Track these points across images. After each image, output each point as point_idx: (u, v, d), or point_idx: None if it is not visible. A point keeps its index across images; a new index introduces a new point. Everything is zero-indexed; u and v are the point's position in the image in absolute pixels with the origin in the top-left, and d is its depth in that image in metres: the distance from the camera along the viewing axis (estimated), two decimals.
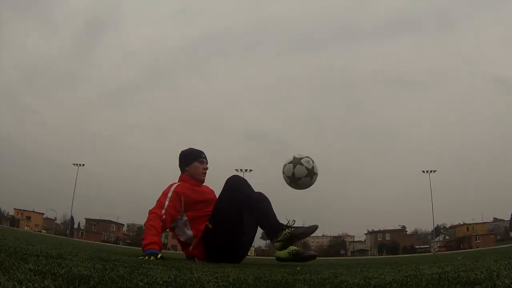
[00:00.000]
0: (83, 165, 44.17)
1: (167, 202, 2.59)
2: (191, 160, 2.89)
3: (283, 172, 2.76)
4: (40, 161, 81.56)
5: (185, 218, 2.69)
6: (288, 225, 2.53)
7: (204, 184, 2.94)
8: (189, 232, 2.68)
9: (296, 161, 2.72)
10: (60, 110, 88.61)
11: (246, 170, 37.86)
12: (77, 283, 0.79)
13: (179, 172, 2.91)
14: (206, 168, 2.92)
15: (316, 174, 2.74)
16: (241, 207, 2.58)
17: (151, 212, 2.54)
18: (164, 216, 2.52)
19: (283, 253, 2.53)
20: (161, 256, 2.20)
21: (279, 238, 2.51)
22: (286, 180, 2.76)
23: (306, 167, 2.70)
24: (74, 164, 43.98)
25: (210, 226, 2.59)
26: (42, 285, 0.74)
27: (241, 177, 2.80)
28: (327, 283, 1.02)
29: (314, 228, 2.58)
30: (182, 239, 2.73)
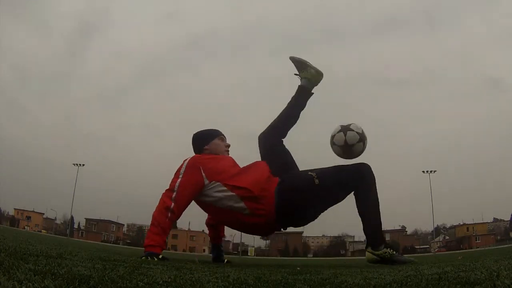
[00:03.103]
0: (83, 165, 44.16)
1: (178, 180, 2.27)
2: (211, 138, 2.57)
3: (333, 144, 2.54)
4: (40, 161, 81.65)
5: (216, 183, 2.30)
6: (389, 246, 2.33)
7: None
8: (230, 195, 2.27)
9: (345, 128, 2.53)
10: (55, 111, 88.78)
11: None
12: (77, 283, 0.79)
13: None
14: (229, 146, 2.63)
15: (366, 138, 2.55)
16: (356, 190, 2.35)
17: (161, 199, 2.26)
18: (173, 204, 2.21)
19: (370, 256, 2.32)
20: (162, 256, 2.07)
21: (377, 253, 2.30)
22: (337, 151, 2.54)
23: (357, 132, 2.51)
24: (74, 164, 43.97)
25: (316, 181, 2.30)
26: (42, 285, 0.74)
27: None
28: (327, 283, 1.02)
29: (411, 261, 2.35)
30: (217, 205, 2.32)
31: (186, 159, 2.38)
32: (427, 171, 40.87)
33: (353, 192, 2.36)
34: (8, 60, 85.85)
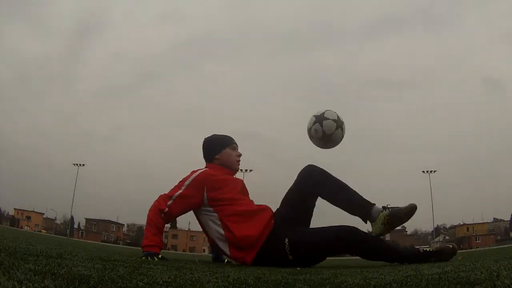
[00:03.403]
0: (83, 165, 44.17)
1: (179, 191, 2.24)
2: (222, 147, 2.46)
3: (312, 137, 2.43)
4: (40, 161, 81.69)
5: (214, 214, 2.25)
6: (385, 206, 2.14)
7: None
8: (220, 233, 2.22)
9: (320, 118, 2.41)
10: (54, 111, 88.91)
11: (246, 170, 37.80)
12: (77, 283, 0.79)
13: (179, 171, 2.59)
14: (240, 155, 2.51)
15: (343, 122, 2.43)
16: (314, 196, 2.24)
17: (156, 201, 2.25)
18: (167, 209, 2.21)
19: (377, 228, 2.12)
20: (162, 256, 2.07)
21: (376, 222, 2.11)
22: (317, 143, 2.44)
23: (332, 120, 2.40)
24: (74, 164, 43.99)
25: (290, 258, 2.11)
26: (42, 285, 0.74)
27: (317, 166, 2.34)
28: (327, 283, 1.02)
29: (414, 208, 2.11)
30: (208, 232, 2.31)
31: (195, 171, 2.33)
32: (427, 171, 40.88)
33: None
34: (7, 60, 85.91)
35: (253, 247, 2.16)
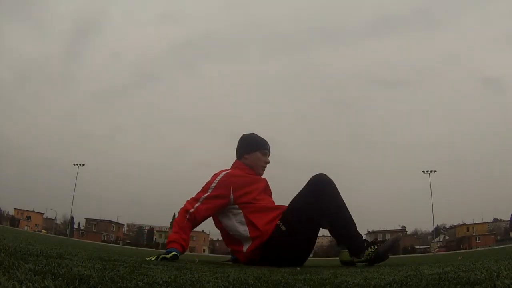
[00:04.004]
0: (83, 165, 44.18)
1: (206, 194, 2.28)
2: (254, 149, 2.51)
3: None
4: (40, 161, 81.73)
5: (239, 211, 2.30)
6: (371, 242, 2.20)
7: None
8: (244, 230, 2.27)
9: None
10: (54, 111, 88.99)
11: None
12: (77, 283, 0.79)
13: (178, 171, 2.63)
14: (268, 162, 2.55)
15: None
16: (320, 211, 2.23)
17: (183, 205, 2.29)
18: (193, 209, 2.24)
19: (346, 256, 2.25)
20: (174, 254, 2.04)
21: (362, 259, 2.17)
22: None
23: None
24: (74, 164, 43.99)
25: (283, 228, 2.22)
26: (42, 285, 0.74)
27: (328, 177, 2.32)
28: (327, 283, 1.02)
29: (399, 238, 2.28)
30: (230, 232, 2.33)
31: (218, 174, 2.37)
32: (427, 171, 40.89)
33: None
34: (6, 61, 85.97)
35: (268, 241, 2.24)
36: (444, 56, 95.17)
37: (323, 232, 2.48)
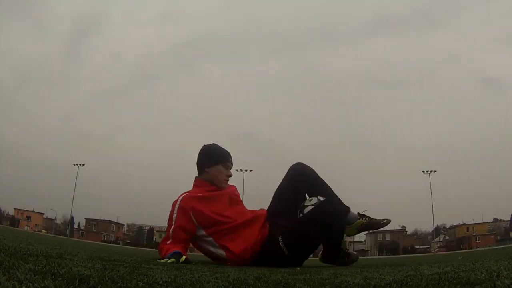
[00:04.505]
0: (83, 165, 44.20)
1: (172, 227, 2.22)
2: (216, 162, 2.39)
3: None
4: (40, 161, 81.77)
5: (209, 238, 2.24)
6: (361, 213, 2.37)
7: None
8: (221, 253, 2.22)
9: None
10: (54, 111, 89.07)
11: (246, 170, 37.80)
12: (77, 283, 0.79)
13: (178, 171, 2.54)
14: (230, 175, 2.45)
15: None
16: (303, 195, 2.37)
17: (160, 246, 2.24)
18: (172, 234, 2.20)
19: (350, 231, 2.38)
20: (186, 259, 2.01)
21: (352, 226, 2.34)
22: None
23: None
24: (74, 164, 44.01)
25: (285, 251, 2.18)
26: (42, 285, 0.74)
27: (305, 164, 2.48)
28: (327, 283, 1.02)
29: (387, 222, 2.40)
30: (208, 255, 2.32)
31: (176, 200, 2.28)
32: (427, 171, 40.90)
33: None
34: (6, 61, 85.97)
35: (252, 254, 2.20)
36: (444, 56, 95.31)
37: None
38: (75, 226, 58.42)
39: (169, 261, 1.94)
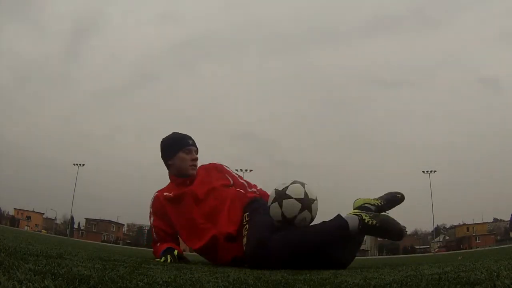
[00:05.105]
0: (83, 165, 44.18)
1: (155, 235, 2.25)
2: (175, 150, 2.23)
3: (273, 217, 1.93)
4: (40, 161, 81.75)
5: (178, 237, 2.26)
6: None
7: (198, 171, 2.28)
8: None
9: (280, 196, 1.90)
10: (54, 111, 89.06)
11: (246, 170, 37.72)
12: (77, 283, 0.79)
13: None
14: (196, 159, 2.25)
15: (313, 199, 1.92)
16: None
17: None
18: (156, 237, 2.23)
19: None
20: (178, 254, 2.03)
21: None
22: (280, 226, 1.92)
23: (296, 199, 1.88)
24: (74, 164, 44.00)
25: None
26: (42, 285, 0.74)
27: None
28: (327, 283, 1.02)
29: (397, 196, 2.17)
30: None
31: (150, 208, 2.27)
32: (427, 171, 40.88)
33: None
34: (6, 61, 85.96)
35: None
36: (444, 56, 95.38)
37: None
38: (75, 226, 58.40)
39: (162, 260, 1.94)
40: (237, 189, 2.27)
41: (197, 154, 2.29)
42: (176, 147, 2.24)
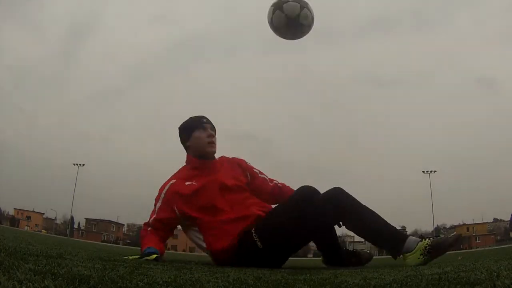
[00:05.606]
0: (83, 165, 44.16)
1: (154, 216, 2.14)
2: (190, 130, 2.22)
3: (277, 29, 2.20)
4: (40, 161, 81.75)
5: (195, 228, 2.12)
6: (422, 236, 1.93)
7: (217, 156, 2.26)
8: (203, 245, 2.10)
9: (278, 4, 2.17)
10: (52, 111, 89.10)
11: None
12: (77, 283, 0.79)
13: (175, 171, 2.31)
14: (212, 135, 2.21)
15: (308, 3, 2.20)
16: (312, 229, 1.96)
17: (143, 228, 2.19)
18: (151, 223, 2.12)
19: (413, 259, 1.86)
20: (156, 257, 1.89)
21: (416, 253, 1.85)
22: (286, 35, 2.22)
23: (293, 0, 2.16)
24: (74, 164, 43.99)
25: (259, 245, 1.93)
26: (42, 285, 0.74)
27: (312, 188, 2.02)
28: (327, 283, 1.02)
29: (459, 238, 1.99)
30: (193, 242, 2.19)
31: (163, 187, 2.16)
32: (427, 171, 40.91)
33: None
34: (4, 61, 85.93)
35: (232, 251, 2.02)
36: (443, 56, 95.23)
37: None
38: (75, 226, 58.38)
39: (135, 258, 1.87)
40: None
41: (213, 131, 2.26)
42: (191, 128, 2.24)
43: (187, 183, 2.13)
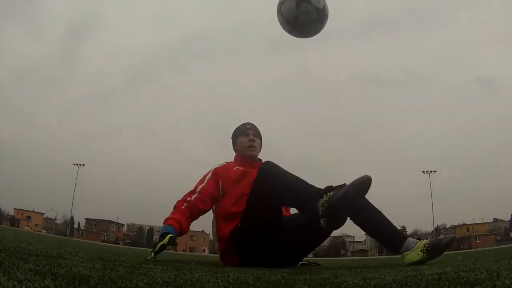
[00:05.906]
0: (83, 165, 44.17)
1: (202, 185, 2.29)
2: (236, 137, 2.51)
3: (279, 13, 2.08)
4: (40, 161, 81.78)
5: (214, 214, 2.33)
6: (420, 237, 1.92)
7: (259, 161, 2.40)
8: (213, 231, 2.33)
9: None
10: (52, 111, 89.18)
11: None
12: (77, 283, 0.79)
13: (178, 171, 2.55)
14: (252, 140, 2.43)
15: (327, 17, 2.07)
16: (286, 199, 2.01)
17: (183, 196, 2.28)
18: (190, 199, 2.24)
19: (414, 255, 1.89)
20: (171, 237, 2.05)
21: (415, 250, 1.89)
22: (284, 26, 2.08)
23: (316, 7, 2.02)
24: (74, 164, 43.99)
25: (246, 226, 2.02)
26: (42, 285, 0.74)
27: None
28: (327, 283, 1.02)
29: (454, 239, 2.01)
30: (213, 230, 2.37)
31: (215, 166, 2.39)
32: (427, 171, 40.92)
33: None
34: (4, 61, 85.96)
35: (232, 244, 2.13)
36: (442, 56, 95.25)
37: None
38: (75, 226, 58.39)
39: (158, 247, 2.03)
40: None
41: (256, 136, 2.48)
42: (237, 134, 2.51)
43: (235, 168, 2.37)
